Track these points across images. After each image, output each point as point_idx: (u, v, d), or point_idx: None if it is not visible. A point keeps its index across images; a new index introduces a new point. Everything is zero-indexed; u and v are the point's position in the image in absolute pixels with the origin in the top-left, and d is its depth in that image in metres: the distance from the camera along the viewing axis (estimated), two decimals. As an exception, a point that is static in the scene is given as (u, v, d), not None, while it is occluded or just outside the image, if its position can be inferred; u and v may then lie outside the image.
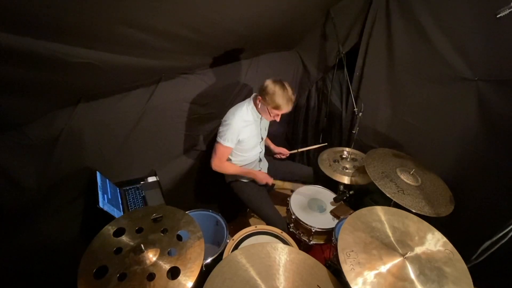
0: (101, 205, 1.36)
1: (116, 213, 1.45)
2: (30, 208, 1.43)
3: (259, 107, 1.70)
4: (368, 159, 1.74)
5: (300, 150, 2.21)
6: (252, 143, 1.84)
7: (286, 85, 1.63)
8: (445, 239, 1.15)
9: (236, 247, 1.45)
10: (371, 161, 1.71)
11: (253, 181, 1.93)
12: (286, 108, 1.64)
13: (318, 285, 1.08)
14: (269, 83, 1.62)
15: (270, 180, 1.91)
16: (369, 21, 1.98)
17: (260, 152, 1.98)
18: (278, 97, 1.59)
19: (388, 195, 1.48)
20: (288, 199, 1.87)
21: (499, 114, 1.45)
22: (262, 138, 1.93)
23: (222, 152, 1.73)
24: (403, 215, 1.25)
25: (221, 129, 1.72)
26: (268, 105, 1.63)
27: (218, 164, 1.76)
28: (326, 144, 2.13)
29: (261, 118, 1.81)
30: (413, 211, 1.38)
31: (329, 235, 1.70)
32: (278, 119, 1.71)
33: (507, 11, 1.24)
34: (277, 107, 1.62)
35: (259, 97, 1.66)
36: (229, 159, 1.86)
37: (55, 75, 1.18)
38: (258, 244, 1.22)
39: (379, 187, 1.52)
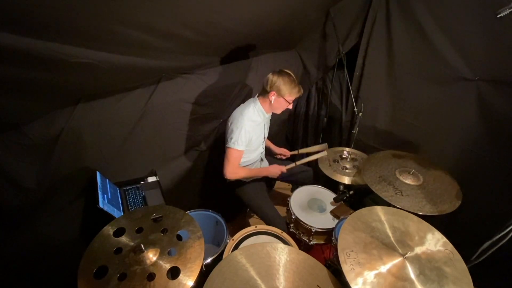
0: (101, 205, 1.36)
1: (116, 213, 1.44)
2: (30, 208, 1.44)
3: (272, 103, 1.71)
4: (365, 165, 1.74)
5: (300, 151, 2.20)
6: (257, 143, 1.84)
7: (287, 71, 1.70)
8: (445, 239, 1.15)
9: (236, 247, 1.45)
10: (369, 166, 1.71)
11: (253, 181, 1.93)
12: (300, 91, 1.72)
13: (318, 285, 1.08)
14: (274, 77, 1.65)
15: (284, 168, 1.87)
16: (369, 21, 1.98)
17: (262, 152, 1.98)
18: (291, 84, 1.66)
19: (385, 199, 1.46)
20: (288, 199, 1.87)
21: (499, 114, 1.45)
22: (264, 138, 1.93)
23: (236, 157, 1.71)
24: (403, 215, 1.25)
25: (230, 134, 1.68)
26: (285, 95, 1.67)
27: (232, 170, 1.71)
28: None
29: (266, 118, 1.82)
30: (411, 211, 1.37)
31: (329, 235, 1.70)
32: (291, 106, 1.77)
33: (507, 11, 1.24)
34: (292, 94, 1.68)
35: (273, 93, 1.66)
36: None
37: (55, 75, 1.17)
38: (258, 244, 1.22)
39: (376, 192, 1.51)
